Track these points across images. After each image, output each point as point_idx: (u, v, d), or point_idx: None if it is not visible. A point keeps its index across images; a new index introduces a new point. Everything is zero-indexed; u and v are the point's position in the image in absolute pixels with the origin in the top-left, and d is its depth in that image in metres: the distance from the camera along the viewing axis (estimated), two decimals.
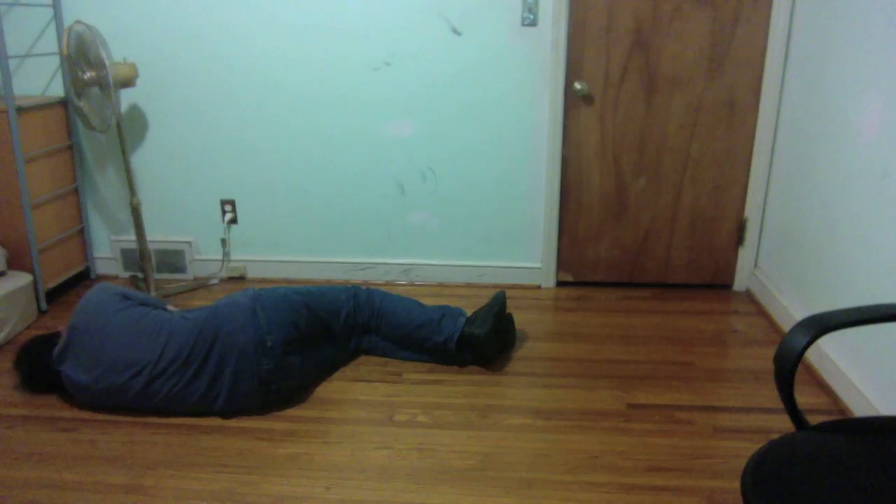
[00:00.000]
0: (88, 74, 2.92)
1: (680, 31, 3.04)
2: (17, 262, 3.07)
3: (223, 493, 2.00)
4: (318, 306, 2.50)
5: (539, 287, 3.42)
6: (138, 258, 3.41)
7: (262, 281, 3.48)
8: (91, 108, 3.01)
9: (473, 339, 2.54)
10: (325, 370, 2.60)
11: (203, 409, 2.33)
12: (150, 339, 2.31)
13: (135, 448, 2.20)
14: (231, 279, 3.53)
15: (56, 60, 3.26)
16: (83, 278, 3.53)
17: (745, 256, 3.30)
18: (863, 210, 2.32)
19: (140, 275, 3.52)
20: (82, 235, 3.48)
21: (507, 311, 2.71)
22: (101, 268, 3.59)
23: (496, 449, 2.18)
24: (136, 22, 3.18)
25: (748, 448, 2.17)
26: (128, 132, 3.35)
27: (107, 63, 2.86)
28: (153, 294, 3.25)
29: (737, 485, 2.01)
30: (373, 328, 2.67)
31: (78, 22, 2.88)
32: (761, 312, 3.11)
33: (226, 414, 2.35)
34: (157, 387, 2.28)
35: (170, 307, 2.58)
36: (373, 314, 2.64)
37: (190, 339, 2.30)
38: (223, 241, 3.50)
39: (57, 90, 3.30)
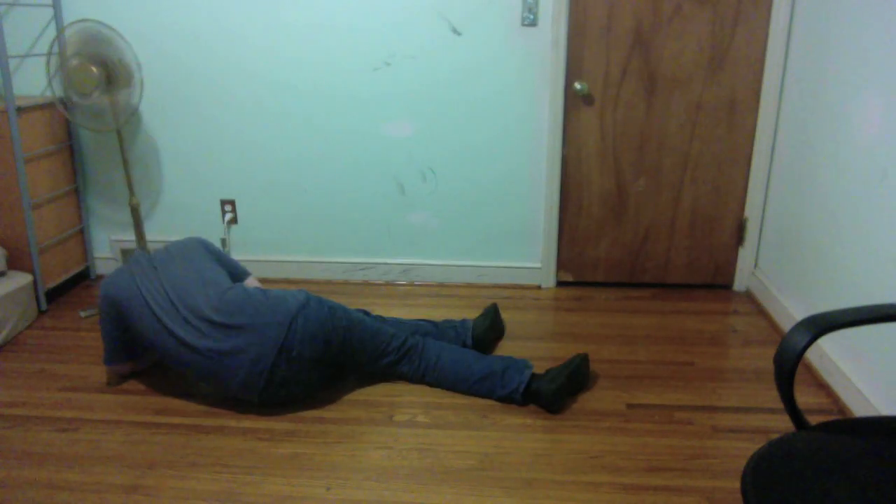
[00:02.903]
0: (97, 72, 2.90)
1: (680, 31, 3.04)
2: (17, 262, 3.07)
3: (223, 493, 2.00)
4: (357, 339, 2.42)
5: (539, 287, 3.42)
6: None
7: (263, 281, 3.48)
8: (94, 108, 3.01)
9: (541, 396, 2.35)
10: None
11: (208, 369, 2.30)
12: (208, 288, 2.39)
13: (135, 448, 2.20)
14: None
15: (56, 60, 3.26)
16: (83, 278, 3.53)
17: (745, 256, 3.30)
18: (863, 210, 2.32)
19: None
20: (82, 235, 3.48)
21: (581, 372, 2.47)
22: (101, 268, 3.59)
23: (496, 449, 2.18)
24: (135, 22, 3.18)
25: (748, 448, 2.17)
26: (128, 132, 3.36)
27: (131, 62, 2.85)
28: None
29: (737, 485, 2.01)
30: (417, 380, 2.54)
31: (85, 19, 2.88)
32: (761, 312, 3.11)
33: (225, 392, 2.34)
34: (189, 332, 2.31)
35: (250, 279, 2.73)
36: (422, 367, 2.51)
37: (236, 305, 2.33)
38: (223, 241, 3.50)
39: (57, 90, 3.30)
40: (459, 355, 2.50)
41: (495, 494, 1.98)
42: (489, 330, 2.76)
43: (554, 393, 2.34)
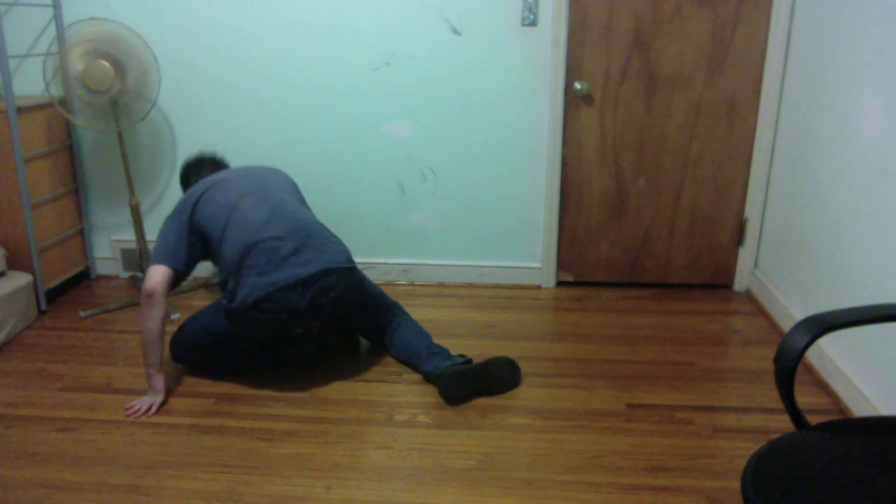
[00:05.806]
0: (111, 67, 2.91)
1: (680, 31, 3.04)
2: (17, 262, 3.07)
3: (223, 493, 2.00)
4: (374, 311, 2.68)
5: (539, 287, 3.42)
6: (138, 258, 3.41)
7: None
8: (104, 105, 3.01)
9: (439, 379, 2.43)
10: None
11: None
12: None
13: (135, 448, 2.20)
14: None
15: (56, 59, 3.26)
16: (83, 278, 3.53)
17: (745, 256, 3.30)
18: (863, 210, 2.32)
19: (140, 275, 3.52)
20: (82, 235, 3.48)
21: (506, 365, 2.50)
22: (101, 268, 3.59)
23: (496, 449, 2.18)
24: (135, 22, 3.18)
25: (748, 448, 2.17)
26: (128, 132, 3.36)
27: (148, 58, 2.85)
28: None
29: (737, 485, 2.01)
30: (381, 343, 2.74)
31: (96, 18, 2.88)
32: (761, 312, 3.11)
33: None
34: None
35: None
36: (386, 332, 2.70)
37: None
38: None
39: (57, 90, 3.30)
40: (409, 329, 2.67)
41: (495, 494, 1.98)
42: (457, 381, 2.52)
43: (444, 377, 2.38)
